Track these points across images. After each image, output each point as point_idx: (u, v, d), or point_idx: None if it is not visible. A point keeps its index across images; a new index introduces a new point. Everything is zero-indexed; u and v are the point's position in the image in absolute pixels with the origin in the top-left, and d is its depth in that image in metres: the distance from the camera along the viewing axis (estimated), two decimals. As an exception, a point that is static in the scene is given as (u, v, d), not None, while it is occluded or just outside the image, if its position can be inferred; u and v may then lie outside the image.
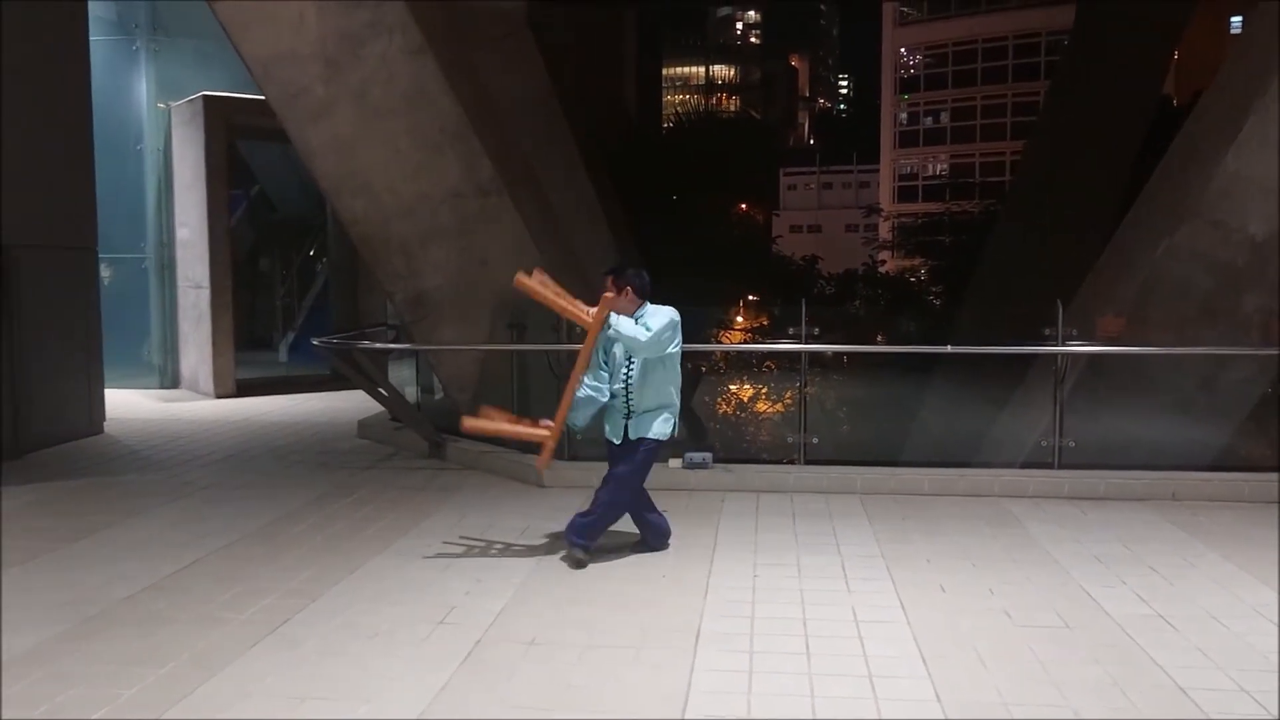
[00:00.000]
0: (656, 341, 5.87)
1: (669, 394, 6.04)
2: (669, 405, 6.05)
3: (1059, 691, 4.16)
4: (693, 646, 4.65)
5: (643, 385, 5.99)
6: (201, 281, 13.41)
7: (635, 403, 6.02)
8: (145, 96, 13.78)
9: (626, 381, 6.03)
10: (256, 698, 4.10)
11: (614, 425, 6.12)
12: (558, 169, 11.70)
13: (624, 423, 6.06)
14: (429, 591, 5.44)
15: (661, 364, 5.98)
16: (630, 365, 6.00)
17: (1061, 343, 7.89)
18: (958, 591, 5.46)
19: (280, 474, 8.62)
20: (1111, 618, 5.04)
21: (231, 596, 5.35)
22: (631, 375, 6.01)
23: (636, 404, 6.02)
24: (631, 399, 6.03)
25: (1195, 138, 8.54)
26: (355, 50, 8.42)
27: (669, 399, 6.04)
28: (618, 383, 6.05)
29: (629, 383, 6.02)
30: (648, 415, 6.02)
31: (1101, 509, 7.25)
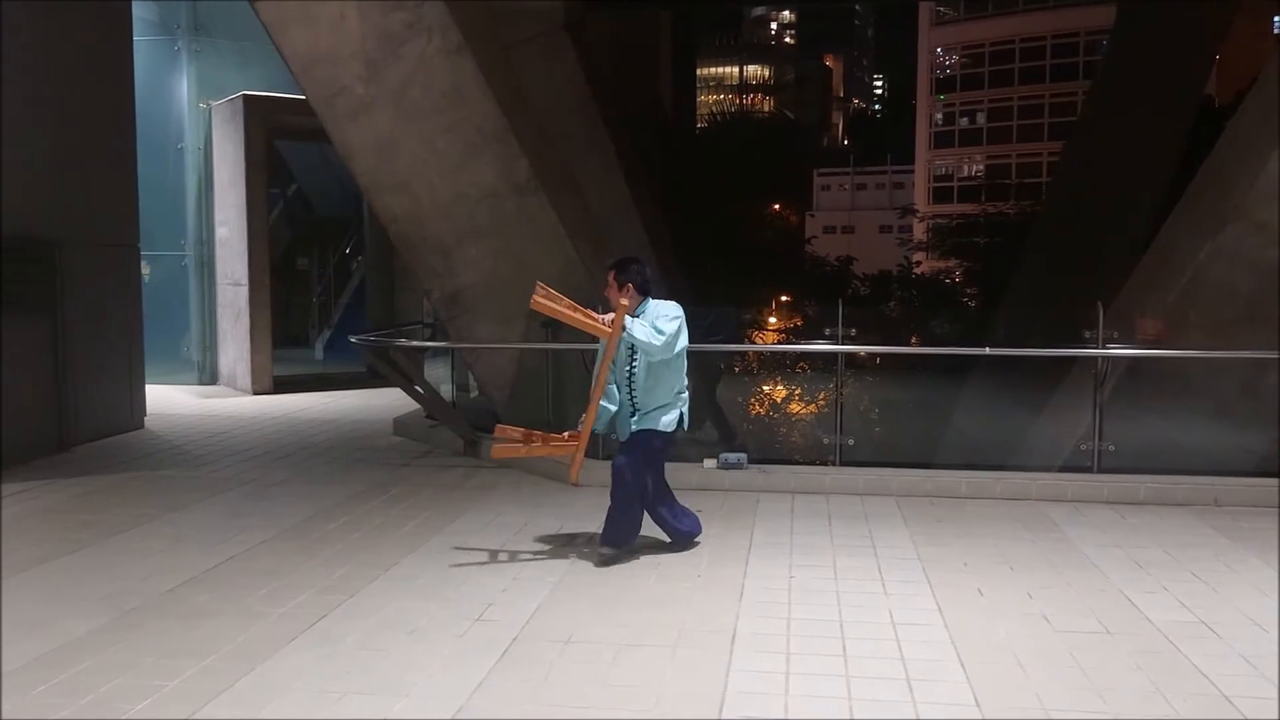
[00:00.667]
0: (669, 344, 5.82)
1: (674, 390, 5.99)
2: (674, 401, 6.00)
3: (1101, 698, 4.11)
4: (729, 647, 4.64)
5: (647, 383, 5.93)
6: (240, 279, 13.54)
7: (640, 401, 5.97)
8: (186, 96, 13.94)
9: (630, 380, 5.97)
10: (296, 692, 4.13)
11: (622, 424, 6.06)
12: (594, 169, 11.71)
13: (630, 420, 6.00)
14: (465, 589, 5.46)
15: (666, 362, 5.92)
16: (634, 364, 5.94)
17: (1102, 345, 7.81)
18: (996, 595, 5.42)
19: (317, 470, 8.69)
20: (1153, 624, 4.98)
21: (270, 591, 5.40)
22: (635, 373, 5.94)
23: (642, 402, 5.96)
24: (636, 397, 5.97)
25: (1239, 138, 8.42)
26: (395, 50, 8.47)
27: (673, 395, 5.99)
28: (621, 381, 6.00)
29: (633, 381, 5.96)
30: (651, 411, 5.97)
31: (1141, 514, 7.17)
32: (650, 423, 5.95)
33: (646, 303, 5.97)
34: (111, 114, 10.66)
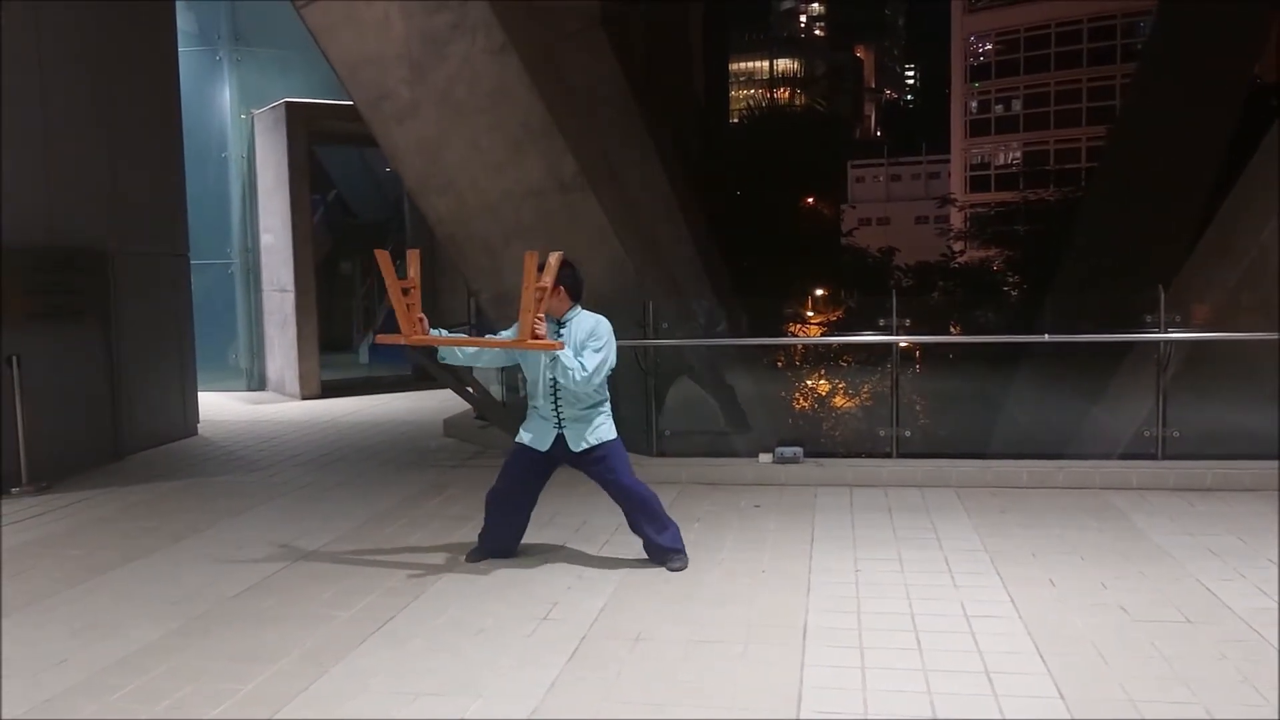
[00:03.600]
0: (589, 380, 5.53)
1: (597, 395, 5.72)
2: (600, 402, 5.75)
3: (1188, 689, 4.02)
4: (800, 642, 4.58)
5: (572, 396, 5.66)
6: (286, 285, 13.63)
7: (565, 414, 5.70)
8: (229, 105, 14.06)
9: (555, 395, 5.67)
10: (370, 693, 4.12)
11: (540, 433, 5.76)
12: (635, 164, 11.66)
13: (555, 433, 5.72)
14: (529, 588, 5.43)
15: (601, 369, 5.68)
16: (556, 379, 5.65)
17: (1164, 329, 7.66)
18: (1068, 586, 5.31)
19: (371, 473, 8.71)
20: (1234, 612, 4.86)
21: (334, 594, 5.40)
22: (560, 389, 5.65)
23: (566, 415, 5.70)
24: (561, 410, 5.69)
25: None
26: (439, 51, 8.47)
27: (597, 399, 5.73)
28: (542, 392, 5.70)
29: (557, 396, 5.67)
30: (582, 422, 5.70)
31: (1209, 500, 7.02)
32: (589, 437, 5.69)
33: (576, 309, 5.73)
34: (159, 125, 10.75)
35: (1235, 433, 7.78)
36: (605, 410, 5.81)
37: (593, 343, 5.62)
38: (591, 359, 5.57)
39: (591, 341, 5.63)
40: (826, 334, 16.45)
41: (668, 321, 8.59)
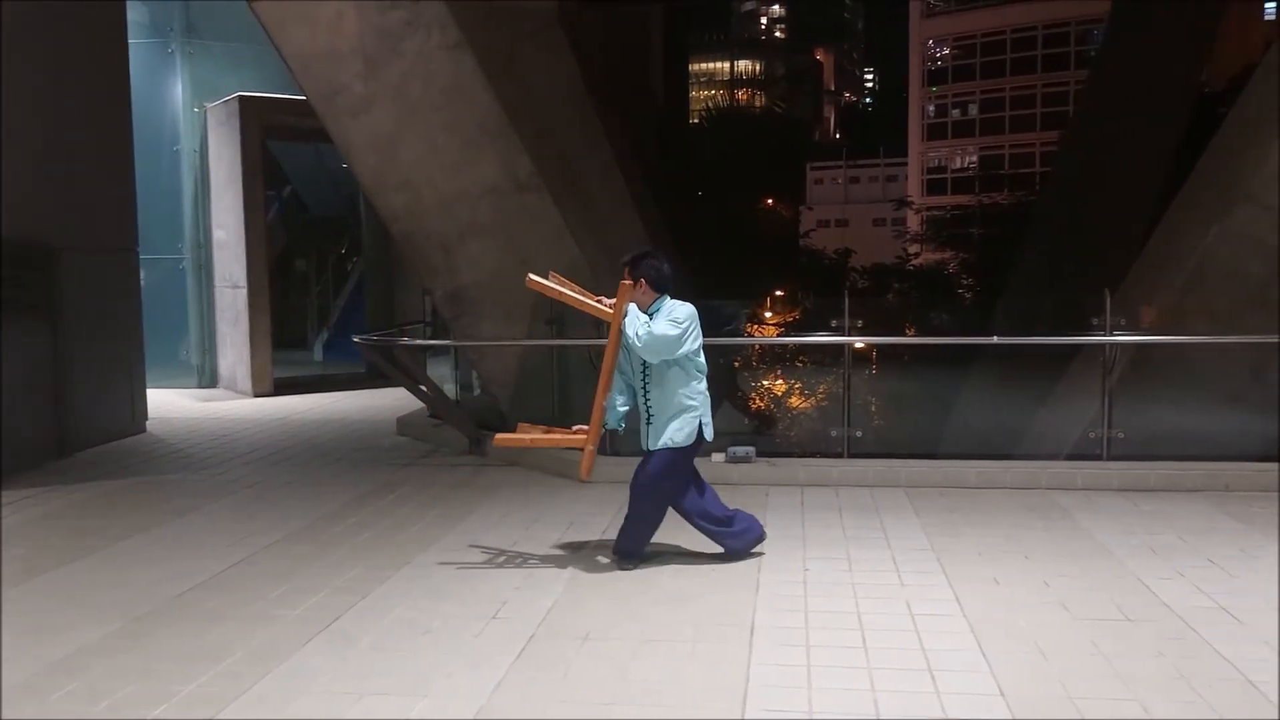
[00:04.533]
0: (657, 342, 5.47)
1: (686, 397, 5.61)
2: (688, 409, 5.61)
3: (1124, 685, 4.09)
4: (748, 640, 4.61)
5: (659, 388, 5.62)
6: (239, 281, 13.48)
7: (653, 407, 5.67)
8: (180, 98, 13.87)
9: (644, 383, 5.69)
10: (315, 693, 4.09)
11: (642, 428, 5.79)
12: (593, 165, 11.65)
13: (647, 427, 5.74)
14: (478, 588, 5.42)
15: (678, 365, 5.59)
16: (646, 366, 5.66)
17: (1109, 332, 7.79)
18: (1012, 584, 5.39)
19: (322, 472, 8.64)
20: (1173, 610, 4.95)
21: (282, 594, 5.36)
22: (648, 377, 5.66)
23: (654, 408, 5.66)
24: (649, 403, 5.68)
25: (1245, 122, 8.40)
26: (393, 47, 8.42)
27: (687, 403, 5.61)
28: (636, 381, 5.75)
29: (646, 384, 5.68)
30: (664, 421, 5.63)
31: (1153, 501, 7.15)
32: (664, 438, 5.61)
33: (663, 300, 5.66)
34: (108, 118, 10.60)
35: (1179, 434, 7.92)
36: (689, 417, 5.65)
37: (668, 320, 5.58)
38: (666, 327, 5.52)
39: (666, 320, 5.59)
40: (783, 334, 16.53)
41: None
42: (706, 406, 5.72)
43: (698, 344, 5.65)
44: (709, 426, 5.72)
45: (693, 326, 5.60)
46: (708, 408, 5.73)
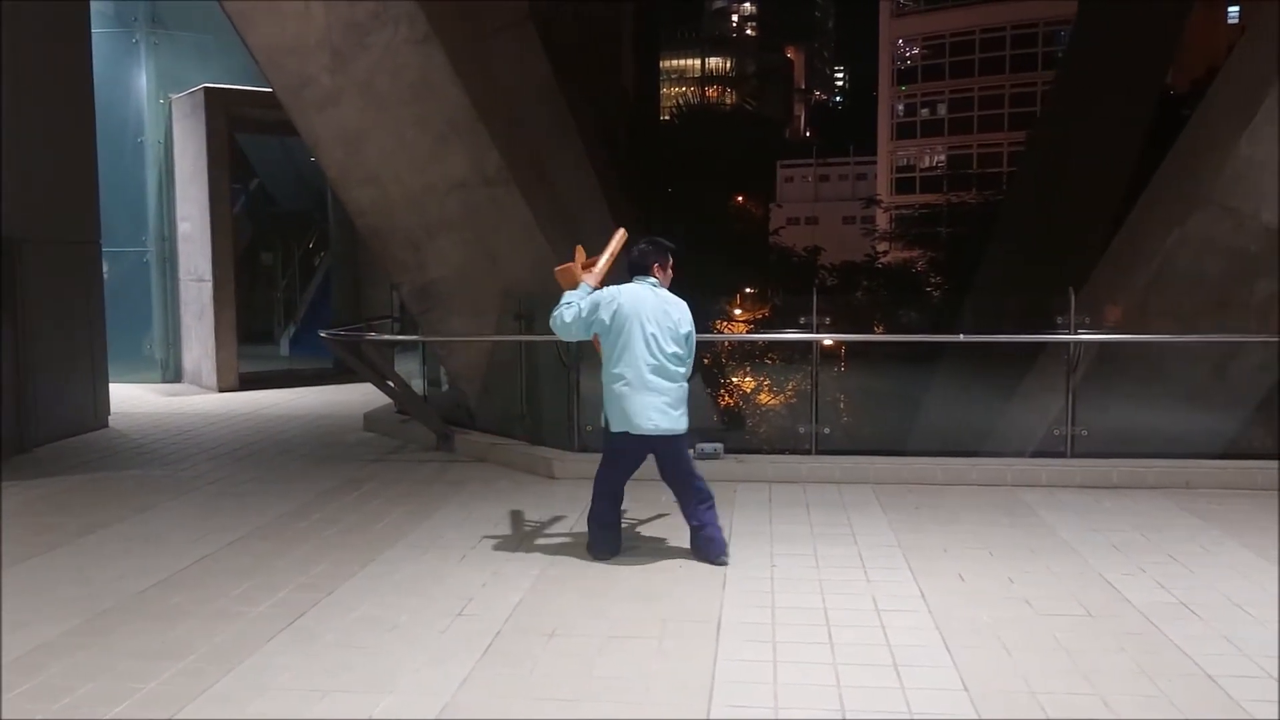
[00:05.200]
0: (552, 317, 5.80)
1: (603, 383, 5.78)
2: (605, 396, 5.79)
3: (1086, 680, 4.13)
4: (715, 636, 4.62)
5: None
6: (204, 275, 13.34)
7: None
8: (145, 90, 13.69)
9: None
10: (277, 691, 4.06)
11: None
12: (563, 161, 11.62)
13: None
14: (445, 584, 5.39)
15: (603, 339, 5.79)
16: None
17: (1074, 331, 7.86)
18: (977, 580, 5.43)
19: (288, 468, 8.57)
20: (1134, 605, 5.01)
21: (245, 591, 5.31)
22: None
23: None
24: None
25: (1207, 125, 8.50)
26: (361, 40, 8.35)
27: (604, 388, 5.79)
28: None
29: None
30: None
31: (1116, 497, 7.22)
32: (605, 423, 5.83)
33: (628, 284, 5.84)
34: (71, 109, 10.45)
35: (1141, 432, 8.01)
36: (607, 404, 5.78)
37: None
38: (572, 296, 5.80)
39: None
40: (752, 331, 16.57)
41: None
42: (614, 399, 5.71)
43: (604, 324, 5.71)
44: (609, 418, 5.78)
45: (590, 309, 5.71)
46: (615, 401, 5.71)
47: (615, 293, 5.75)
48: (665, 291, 5.86)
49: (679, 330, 5.74)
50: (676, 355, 5.72)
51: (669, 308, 5.76)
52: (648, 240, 5.98)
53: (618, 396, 5.69)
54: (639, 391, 5.65)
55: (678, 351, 5.72)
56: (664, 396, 5.67)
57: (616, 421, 5.73)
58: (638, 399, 5.65)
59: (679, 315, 5.76)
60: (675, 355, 5.71)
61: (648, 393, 5.65)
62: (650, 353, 5.66)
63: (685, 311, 5.81)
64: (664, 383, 5.67)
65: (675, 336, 5.73)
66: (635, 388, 5.66)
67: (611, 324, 5.70)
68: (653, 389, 5.65)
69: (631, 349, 5.67)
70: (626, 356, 5.67)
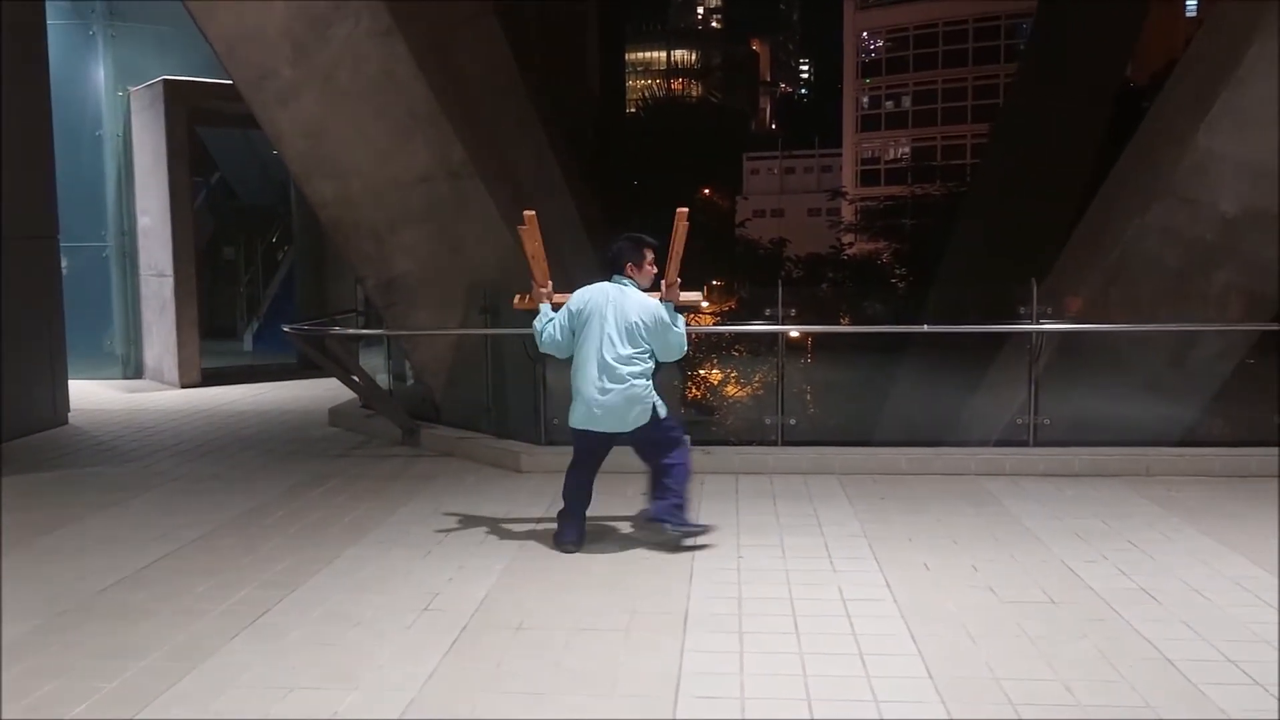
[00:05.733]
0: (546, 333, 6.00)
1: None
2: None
3: (1049, 666, 4.17)
4: (682, 628, 4.63)
5: None
6: (165, 270, 13.17)
7: None
8: (103, 82, 13.49)
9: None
10: (241, 689, 4.02)
11: None
12: (527, 153, 11.59)
13: None
14: (410, 579, 5.37)
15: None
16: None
17: (1036, 321, 7.94)
18: (942, 569, 5.47)
19: (251, 464, 8.49)
20: (1095, 592, 5.07)
21: (208, 588, 5.25)
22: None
23: None
24: None
25: (1165, 117, 8.60)
26: (322, 32, 8.27)
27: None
28: None
29: None
30: None
31: (1077, 485, 7.31)
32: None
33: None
34: (26, 101, 10.26)
35: (1102, 420, 8.10)
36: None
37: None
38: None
39: None
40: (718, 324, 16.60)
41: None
42: (577, 394, 5.81)
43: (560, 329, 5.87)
44: (571, 414, 5.88)
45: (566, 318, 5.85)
46: (577, 397, 5.81)
47: (583, 294, 5.84)
48: (635, 291, 5.82)
49: (636, 332, 5.71)
50: (629, 356, 5.69)
51: (629, 306, 5.73)
52: (625, 237, 6.00)
53: (574, 394, 5.83)
54: (589, 391, 5.73)
55: (631, 353, 5.70)
56: (614, 395, 5.68)
57: (574, 418, 5.86)
58: (588, 398, 5.74)
59: (637, 314, 5.72)
60: (627, 356, 5.69)
61: (597, 392, 5.70)
62: (602, 353, 5.70)
63: (648, 310, 5.74)
64: (611, 384, 5.68)
65: (632, 338, 5.70)
66: (586, 387, 5.74)
67: (573, 324, 5.84)
68: (601, 390, 5.70)
69: (585, 348, 5.77)
70: (580, 355, 5.78)
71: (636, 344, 5.72)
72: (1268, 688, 3.95)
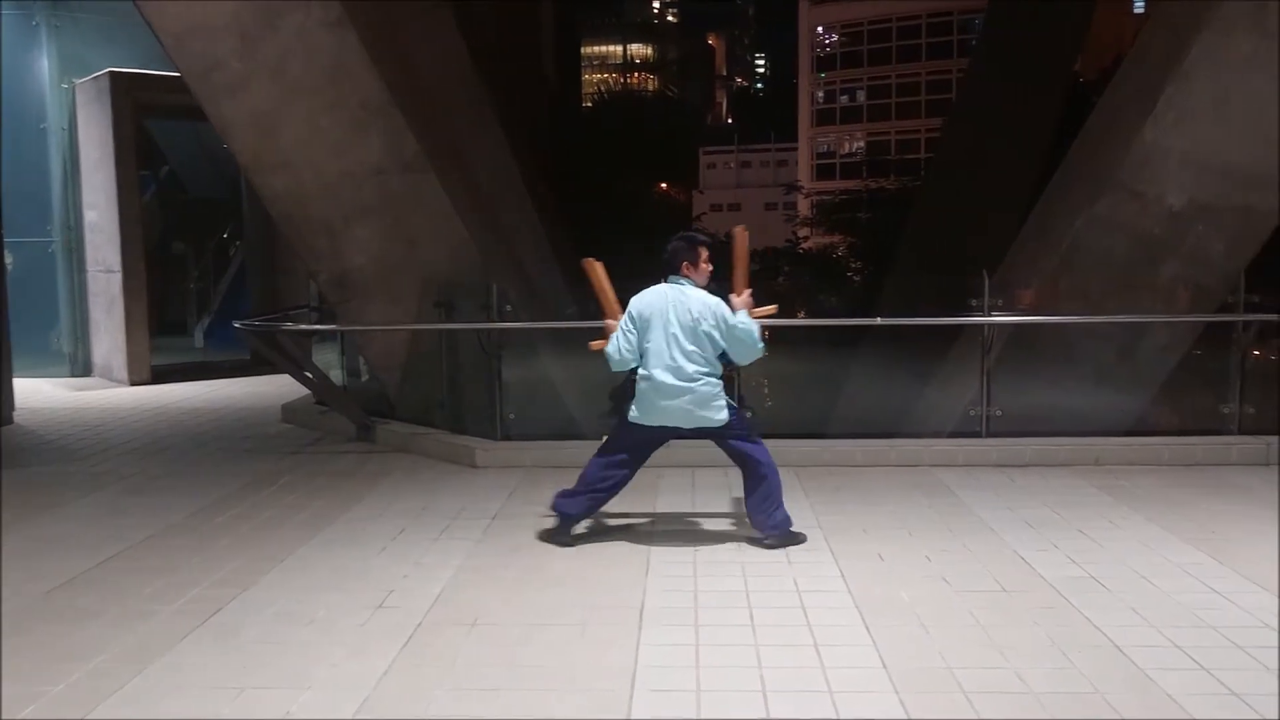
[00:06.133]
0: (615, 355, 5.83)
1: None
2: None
3: (1001, 654, 4.22)
4: (638, 622, 4.62)
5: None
6: (113, 265, 12.96)
7: None
8: (47, 74, 13.23)
9: None
10: (192, 689, 3.97)
11: None
12: (483, 146, 11.52)
13: None
14: (365, 577, 5.32)
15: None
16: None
17: (988, 313, 8.02)
18: (896, 560, 5.52)
19: (203, 462, 8.38)
20: (1046, 581, 5.13)
21: (158, 588, 5.18)
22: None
23: None
24: None
25: (1112, 110, 8.72)
26: (272, 22, 8.16)
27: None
28: None
29: None
30: None
31: (1029, 475, 7.40)
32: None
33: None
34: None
35: (1053, 411, 8.20)
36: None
37: None
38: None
39: None
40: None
41: (511, 304, 8.51)
42: (639, 395, 5.75)
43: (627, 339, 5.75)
44: (634, 409, 5.78)
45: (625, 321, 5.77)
46: (639, 397, 5.75)
47: (642, 299, 5.77)
48: (693, 289, 5.75)
49: (698, 328, 5.64)
50: (695, 354, 5.63)
51: (691, 305, 5.67)
52: (679, 237, 5.94)
53: (640, 394, 5.74)
54: (660, 393, 5.65)
55: (696, 351, 5.64)
56: (684, 397, 5.64)
57: (636, 414, 5.75)
58: (658, 401, 5.66)
59: (699, 312, 5.65)
60: (694, 355, 5.63)
61: (668, 394, 5.64)
62: (672, 354, 5.64)
63: (709, 308, 5.67)
64: (681, 384, 5.62)
65: (695, 336, 5.64)
66: (656, 388, 5.65)
67: (638, 329, 5.72)
68: (671, 392, 5.63)
69: (651, 351, 5.68)
70: (648, 358, 5.68)
71: (700, 343, 5.65)
72: (1213, 672, 4.02)
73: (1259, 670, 4.04)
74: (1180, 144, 7.80)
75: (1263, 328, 8.09)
